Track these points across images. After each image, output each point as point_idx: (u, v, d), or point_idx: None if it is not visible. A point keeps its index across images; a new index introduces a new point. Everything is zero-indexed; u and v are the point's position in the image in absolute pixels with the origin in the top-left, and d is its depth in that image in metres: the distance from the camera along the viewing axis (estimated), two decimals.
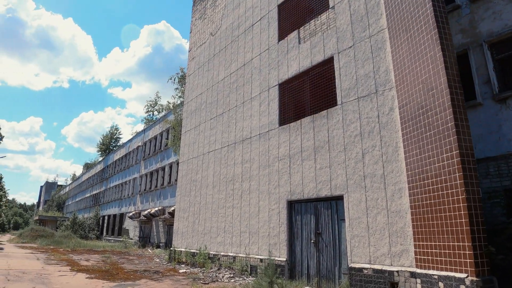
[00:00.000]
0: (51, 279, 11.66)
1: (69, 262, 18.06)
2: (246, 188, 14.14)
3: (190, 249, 17.04)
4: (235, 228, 14.30)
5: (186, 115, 20.82)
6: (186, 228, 18.02)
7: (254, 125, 14.48)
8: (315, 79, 12.24)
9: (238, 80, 16.24)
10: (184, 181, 19.37)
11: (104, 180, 51.09)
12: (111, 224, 43.68)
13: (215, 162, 16.71)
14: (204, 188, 17.15)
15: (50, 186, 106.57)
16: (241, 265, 13.28)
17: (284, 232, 11.95)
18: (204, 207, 16.82)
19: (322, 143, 11.19)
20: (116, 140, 67.46)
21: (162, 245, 28.41)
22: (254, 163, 14.04)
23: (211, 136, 17.50)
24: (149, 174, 34.74)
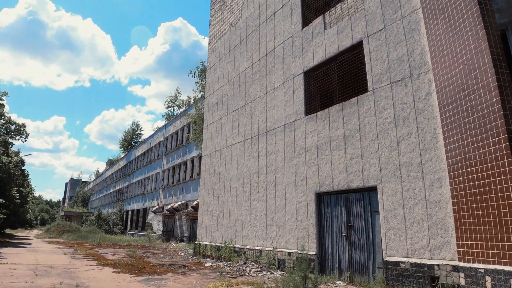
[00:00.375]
0: (78, 274, 11.62)
1: (95, 256, 18.17)
2: (271, 181, 13.78)
3: (215, 243, 16.84)
4: (261, 221, 13.99)
5: (207, 109, 20.57)
6: (210, 221, 17.83)
7: (278, 115, 14.07)
8: (343, 65, 11.72)
9: (260, 70, 15.84)
10: (207, 175, 19.17)
11: (127, 175, 51.70)
12: (135, 218, 44.18)
13: (238, 154, 16.41)
14: (228, 181, 16.89)
15: (74, 183, 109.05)
16: (268, 259, 12.97)
17: (313, 225, 11.55)
18: (228, 200, 16.57)
19: (353, 132, 10.70)
20: (137, 136, 68.24)
21: (186, 239, 28.45)
22: (279, 155, 13.65)
23: (234, 128, 17.19)
24: (171, 169, 34.83)
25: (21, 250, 20.48)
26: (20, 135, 29.89)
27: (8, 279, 10.00)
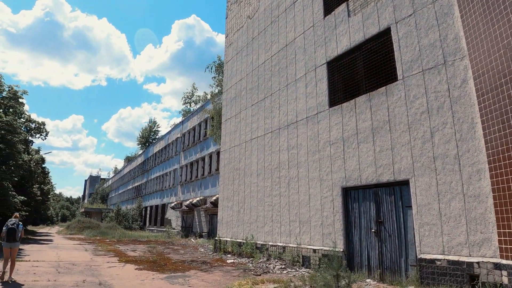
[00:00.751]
0: (100, 271, 11.50)
1: (116, 252, 18.15)
2: (294, 176, 13.39)
3: (236, 239, 16.58)
4: (283, 217, 13.63)
5: (225, 103, 20.27)
6: (230, 217, 17.57)
7: (300, 108, 13.64)
8: (369, 54, 11.20)
9: (280, 62, 15.42)
10: (226, 170, 18.90)
11: (145, 172, 52.01)
12: (154, 214, 44.41)
13: (258, 149, 16.06)
14: (248, 176, 16.57)
15: (93, 180, 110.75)
16: (292, 256, 12.62)
17: (339, 221, 11.13)
18: (249, 195, 16.26)
19: (382, 123, 10.21)
20: (154, 133, 68.59)
21: (205, 234, 28.34)
22: (301, 149, 13.24)
23: (253, 123, 16.84)
24: (189, 165, 34.76)
25: (43, 247, 20.66)
26: (40, 133, 30.23)
27: (31, 277, 9.92)
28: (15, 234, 9.61)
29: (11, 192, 20.93)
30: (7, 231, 9.54)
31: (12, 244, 9.58)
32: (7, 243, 9.53)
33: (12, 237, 9.55)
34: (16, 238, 9.63)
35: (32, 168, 28.00)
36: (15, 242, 9.63)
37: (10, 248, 9.53)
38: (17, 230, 9.68)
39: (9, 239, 9.52)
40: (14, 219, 10.01)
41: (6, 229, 9.58)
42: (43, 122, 30.33)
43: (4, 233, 9.57)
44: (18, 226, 9.76)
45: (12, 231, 9.57)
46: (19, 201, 22.52)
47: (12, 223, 9.72)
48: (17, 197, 22.30)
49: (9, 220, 9.88)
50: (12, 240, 9.56)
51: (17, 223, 9.85)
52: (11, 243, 9.56)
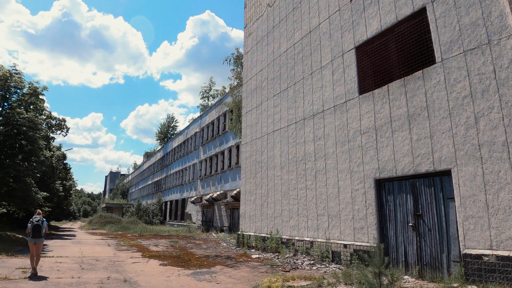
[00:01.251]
0: (124, 267, 11.24)
1: (139, 247, 17.99)
2: (321, 168, 12.83)
3: (260, 233, 16.15)
4: (310, 211, 13.11)
5: (245, 95, 19.77)
6: (253, 211, 17.14)
7: (327, 97, 13.04)
8: (402, 36, 10.50)
9: (303, 49, 14.81)
10: (248, 163, 18.45)
11: (165, 167, 52.15)
12: (174, 209, 44.48)
13: (281, 141, 15.53)
14: (271, 169, 16.08)
15: (114, 176, 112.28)
16: (320, 251, 12.10)
17: (372, 215, 10.54)
18: (272, 189, 15.78)
19: (419, 110, 9.54)
20: (173, 129, 68.80)
21: (226, 229, 28.06)
22: (329, 140, 12.66)
23: (275, 114, 16.30)
24: (208, 159, 34.51)
25: (66, 242, 20.71)
26: (61, 130, 30.37)
27: (55, 273, 9.70)
28: (40, 230, 9.85)
29: (34, 188, 21.02)
30: (33, 228, 9.76)
31: (37, 240, 9.81)
32: (33, 239, 9.76)
33: (37, 233, 9.80)
34: (41, 234, 9.90)
35: (54, 164, 28.19)
36: (40, 238, 9.89)
37: (35, 244, 9.76)
38: (42, 227, 9.92)
39: (35, 235, 9.77)
40: (38, 215, 10.18)
41: (32, 225, 9.79)
42: (63, 119, 30.51)
43: (30, 229, 9.80)
44: (42, 223, 10.00)
45: (37, 228, 9.80)
46: (42, 197, 22.63)
47: (37, 220, 9.94)
48: (40, 193, 22.41)
49: (33, 217, 10.08)
50: (37, 236, 9.81)
51: (42, 219, 10.09)
52: (36, 238, 9.79)
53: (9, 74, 19.52)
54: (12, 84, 20.05)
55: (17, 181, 19.52)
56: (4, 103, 20.19)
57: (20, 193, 19.44)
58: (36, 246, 9.78)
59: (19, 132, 18.83)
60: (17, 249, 15.87)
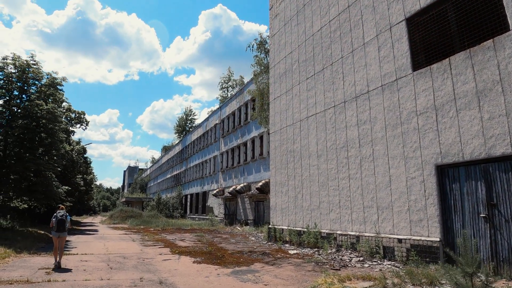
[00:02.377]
0: (156, 265, 10.29)
1: (165, 243, 17.11)
2: (368, 155, 11.59)
3: (294, 227, 15.04)
4: (355, 203, 11.91)
5: (273, 80, 18.57)
6: (286, 203, 16.02)
7: (372, 76, 11.75)
8: (463, 3, 9.13)
9: (341, 26, 13.50)
10: (277, 153, 17.30)
11: (184, 160, 51.45)
12: (194, 202, 43.77)
13: (317, 127, 14.32)
14: (306, 158, 14.90)
15: (132, 170, 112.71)
16: (368, 246, 10.92)
17: (433, 206, 9.29)
18: (307, 179, 14.61)
19: (490, 85, 8.21)
20: (191, 121, 68.08)
21: (251, 222, 27.06)
22: (376, 123, 11.39)
23: (309, 98, 15.07)
24: (230, 151, 33.51)
25: (89, 238, 20.00)
26: (81, 123, 29.77)
27: (81, 274, 8.78)
28: (64, 225, 10.19)
29: (55, 183, 20.35)
30: (57, 222, 10.08)
31: (61, 234, 10.15)
32: (57, 233, 10.09)
33: (62, 227, 10.13)
34: (65, 228, 10.23)
35: (75, 158, 27.61)
36: (64, 232, 10.22)
37: (59, 237, 10.09)
38: (66, 221, 10.26)
39: (59, 229, 10.10)
40: (61, 210, 10.47)
41: (56, 220, 10.11)
42: (83, 112, 29.87)
43: (54, 223, 10.10)
44: (66, 217, 10.32)
45: (61, 222, 10.14)
46: (63, 191, 21.99)
47: (61, 215, 10.23)
48: (61, 187, 21.77)
49: (57, 212, 10.34)
50: (62, 230, 10.14)
51: (65, 214, 10.39)
52: (60, 232, 10.12)
53: (27, 65, 18.77)
54: (30, 76, 19.31)
55: (37, 175, 18.85)
56: (23, 95, 19.49)
57: (41, 187, 18.76)
58: (60, 240, 10.08)
59: (38, 125, 18.10)
60: (39, 246, 15.15)
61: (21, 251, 12.57)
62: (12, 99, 18.77)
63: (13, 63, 18.59)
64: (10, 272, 8.92)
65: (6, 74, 18.27)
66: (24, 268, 9.58)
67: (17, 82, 18.86)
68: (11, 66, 18.67)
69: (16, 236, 16.11)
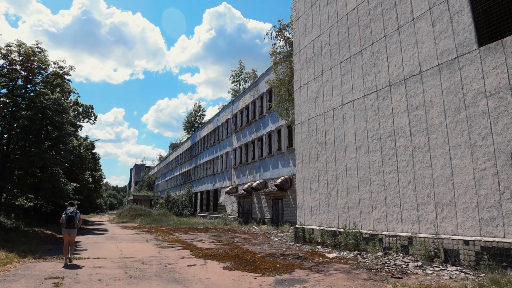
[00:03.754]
0: (182, 273, 8.90)
1: (183, 244, 15.76)
2: (422, 144, 10.12)
3: (328, 227, 13.60)
4: (405, 200, 10.45)
5: (298, 67, 17.11)
6: (316, 201, 14.58)
7: (425, 54, 10.27)
8: None
9: (383, 2, 12.02)
10: (305, 146, 15.86)
11: (193, 157, 50.10)
12: (205, 200, 42.42)
13: (355, 116, 12.86)
14: (341, 151, 13.45)
15: (139, 168, 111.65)
16: (425, 249, 9.47)
17: (510, 201, 7.82)
18: (343, 174, 13.16)
19: None
20: (200, 118, 66.64)
21: (268, 221, 25.64)
22: (432, 108, 9.92)
23: (344, 83, 13.61)
24: (243, 147, 32.08)
25: (99, 238, 18.67)
26: (89, 118, 28.47)
27: (96, 285, 7.40)
28: (74, 221, 10.41)
29: (62, 179, 19.03)
30: (67, 219, 10.30)
31: (71, 230, 10.40)
32: (66, 229, 10.34)
33: (71, 224, 10.35)
34: (74, 225, 10.43)
35: (83, 154, 26.32)
36: (73, 228, 10.45)
37: (69, 234, 10.37)
38: (75, 218, 10.49)
39: (68, 226, 10.32)
40: (72, 207, 10.65)
41: (66, 216, 10.34)
42: (91, 106, 28.56)
43: (64, 220, 10.33)
44: (76, 214, 10.55)
45: (71, 219, 10.36)
46: (71, 188, 20.69)
47: (71, 211, 10.45)
48: (69, 184, 20.47)
49: (67, 209, 10.54)
50: (71, 226, 10.37)
51: (75, 211, 10.63)
52: (70, 229, 10.37)
53: (32, 52, 17.43)
54: (35, 65, 17.98)
55: (44, 171, 17.54)
56: (27, 85, 18.16)
57: (47, 184, 17.41)
58: (70, 236, 10.39)
59: (44, 116, 16.75)
60: (45, 248, 13.82)
61: (25, 255, 11.18)
62: (16, 89, 17.43)
63: (17, 50, 17.26)
64: (11, 283, 7.54)
65: (9, 60, 16.93)
66: (27, 277, 8.18)
67: (21, 71, 17.53)
68: (15, 54, 17.36)
69: (20, 237, 14.74)
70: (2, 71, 17.09)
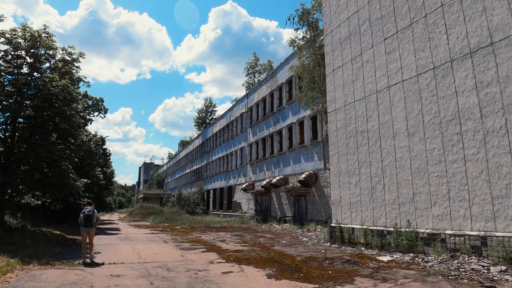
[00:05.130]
0: (219, 283, 7.40)
1: (205, 245, 14.31)
2: (496, 127, 8.52)
3: (373, 226, 12.05)
4: (476, 193, 8.86)
5: (331, 49, 15.53)
6: (357, 197, 13.03)
7: (497, 23, 8.65)
8: None
9: None
10: (341, 136, 14.29)
11: (205, 153, 48.68)
12: (218, 198, 40.98)
13: (406, 98, 11.27)
14: (388, 139, 11.88)
15: (147, 167, 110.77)
16: (505, 251, 7.88)
17: None
18: (391, 165, 11.59)
19: None
20: (211, 113, 65.16)
21: (289, 219, 24.11)
22: (510, 83, 8.31)
23: (390, 63, 12.02)
24: (260, 141, 30.55)
25: (112, 239, 17.22)
26: (99, 111, 27.10)
27: None
28: (92, 220, 10.47)
29: (71, 175, 17.60)
30: (85, 218, 10.36)
31: (89, 229, 10.48)
32: (85, 228, 10.41)
33: (89, 223, 10.41)
34: (92, 224, 10.49)
35: (93, 149, 24.97)
36: (91, 227, 10.51)
37: (87, 233, 10.46)
38: (93, 217, 10.53)
39: (87, 224, 10.39)
40: (89, 206, 10.74)
41: (84, 215, 10.38)
42: (101, 99, 27.15)
43: (82, 219, 10.37)
44: (93, 213, 10.61)
45: (89, 217, 10.42)
46: (82, 184, 19.30)
47: (89, 210, 10.52)
48: (79, 180, 19.09)
49: (85, 208, 10.63)
50: (89, 225, 10.43)
51: (93, 210, 10.70)
52: (88, 228, 10.43)
53: (38, 35, 16.03)
54: (42, 52, 16.59)
55: (51, 166, 16.14)
56: (34, 73, 16.77)
57: (55, 179, 15.97)
58: (89, 235, 10.50)
59: (52, 105, 15.33)
60: (53, 251, 12.31)
61: (30, 260, 9.60)
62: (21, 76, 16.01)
63: (22, 35, 15.86)
64: None
65: (14, 45, 15.54)
66: None
67: (26, 57, 16.16)
68: (20, 40, 15.96)
69: (25, 239, 13.21)
70: (7, 57, 15.73)
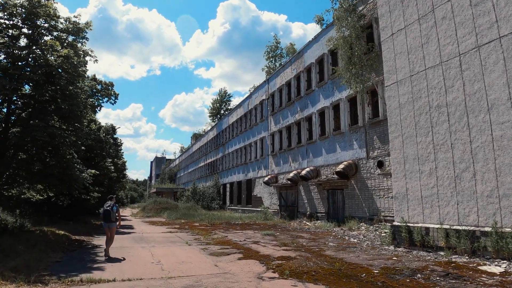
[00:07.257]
0: None
1: (237, 248, 11.80)
2: None
3: (457, 225, 9.32)
4: None
5: (387, 9, 12.72)
6: (431, 189, 10.28)
7: None
8: None
9: None
10: (406, 113, 11.54)
11: (220, 146, 46.08)
12: (236, 192, 38.40)
13: (506, 59, 8.47)
14: (479, 113, 9.10)
15: (159, 161, 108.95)
16: None
17: None
18: (485, 147, 8.83)
19: None
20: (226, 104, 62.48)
21: (322, 216, 21.41)
22: None
23: (479, 17, 9.21)
24: (284, 130, 27.80)
25: (125, 240, 14.65)
26: (109, 97, 24.64)
27: None
28: (110, 215, 10.38)
29: (77, 166, 15.08)
30: (103, 213, 10.46)
31: (109, 224, 10.50)
32: (106, 223, 10.52)
33: (108, 218, 10.40)
34: (111, 219, 10.42)
35: (102, 138, 22.55)
36: (111, 222, 10.49)
37: (108, 228, 10.52)
38: (112, 212, 10.42)
39: (106, 220, 10.45)
40: (109, 201, 10.68)
41: (103, 211, 10.51)
42: (111, 83, 24.65)
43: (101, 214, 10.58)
44: (112, 208, 10.49)
45: (107, 213, 10.39)
46: (89, 176, 16.84)
47: (108, 206, 10.51)
48: (86, 171, 16.63)
49: (105, 203, 10.65)
50: (108, 220, 10.43)
51: (112, 205, 10.58)
52: (108, 223, 10.47)
53: (37, 1, 13.49)
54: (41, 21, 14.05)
55: (53, 154, 13.64)
56: (34, 46, 14.26)
57: (56, 170, 13.44)
58: (110, 230, 10.51)
59: (52, 80, 12.83)
60: (52, 259, 9.66)
61: (16, 275, 6.97)
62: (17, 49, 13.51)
63: (19, 3, 13.34)
64: None
65: (9, 12, 13.04)
66: None
67: (23, 26, 13.65)
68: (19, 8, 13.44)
69: (17, 242, 10.57)
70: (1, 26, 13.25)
